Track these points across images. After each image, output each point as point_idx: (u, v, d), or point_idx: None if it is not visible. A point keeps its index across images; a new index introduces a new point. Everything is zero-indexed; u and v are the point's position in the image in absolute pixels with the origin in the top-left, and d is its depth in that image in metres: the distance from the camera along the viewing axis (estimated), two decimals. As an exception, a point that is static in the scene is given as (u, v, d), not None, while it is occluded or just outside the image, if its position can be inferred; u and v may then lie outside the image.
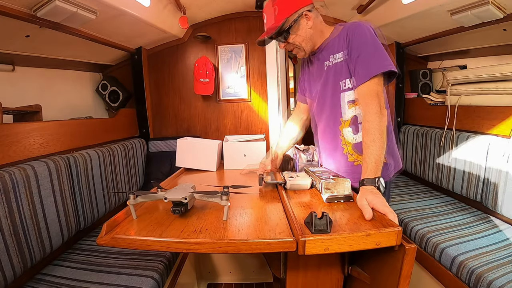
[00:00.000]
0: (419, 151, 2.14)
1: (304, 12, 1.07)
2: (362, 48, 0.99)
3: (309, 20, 1.08)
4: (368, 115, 0.95)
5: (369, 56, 0.98)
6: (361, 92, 0.99)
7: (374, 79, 0.97)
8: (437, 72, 2.39)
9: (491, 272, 1.13)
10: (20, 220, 1.13)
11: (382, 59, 0.97)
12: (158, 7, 1.85)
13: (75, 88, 2.18)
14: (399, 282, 0.68)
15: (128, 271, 1.23)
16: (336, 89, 1.09)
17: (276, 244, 0.73)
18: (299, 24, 1.08)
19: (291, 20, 1.06)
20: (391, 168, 1.12)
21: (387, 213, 0.77)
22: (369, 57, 0.98)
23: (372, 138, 0.91)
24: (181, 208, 0.88)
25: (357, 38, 1.00)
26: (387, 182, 1.11)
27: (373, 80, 0.97)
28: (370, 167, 0.89)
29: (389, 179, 1.11)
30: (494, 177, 1.50)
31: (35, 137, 1.37)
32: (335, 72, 1.09)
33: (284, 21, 1.06)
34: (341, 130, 1.12)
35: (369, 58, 0.97)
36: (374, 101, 0.95)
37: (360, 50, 0.99)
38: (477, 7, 1.43)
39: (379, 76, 0.98)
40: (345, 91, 1.07)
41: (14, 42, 1.47)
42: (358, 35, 1.00)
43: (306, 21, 1.08)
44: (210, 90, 2.37)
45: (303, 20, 1.08)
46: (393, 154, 1.13)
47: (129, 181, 2.02)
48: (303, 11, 1.07)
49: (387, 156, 1.08)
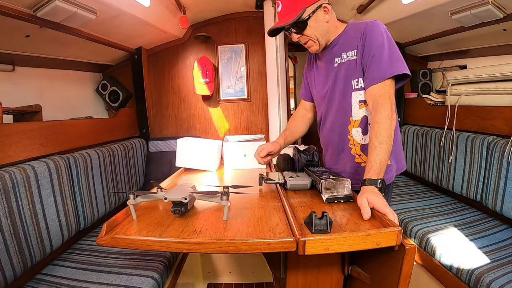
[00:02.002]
0: (419, 151, 2.14)
1: (323, 4, 1.03)
2: (377, 49, 0.96)
3: (327, 13, 1.05)
4: (378, 116, 0.92)
5: (384, 57, 0.96)
6: (373, 93, 0.97)
7: (387, 81, 0.95)
8: (437, 72, 2.39)
9: (491, 272, 1.13)
10: (20, 220, 1.13)
11: (397, 61, 0.95)
12: (158, 7, 1.85)
13: (75, 88, 2.18)
14: (399, 282, 0.68)
15: (128, 271, 1.23)
16: (347, 88, 1.07)
17: (276, 244, 0.73)
18: (317, 16, 1.04)
19: (310, 10, 1.02)
20: (393, 171, 1.10)
21: (387, 213, 0.77)
22: (384, 58, 0.96)
23: (380, 141, 0.90)
24: (181, 208, 0.88)
25: (374, 38, 0.97)
26: (389, 185, 1.11)
27: (386, 82, 0.95)
28: (374, 168, 0.88)
29: (391, 182, 1.11)
30: (494, 177, 1.49)
31: (35, 137, 1.37)
32: (347, 70, 1.06)
33: (302, 11, 1.01)
34: (350, 130, 1.10)
35: (384, 59, 0.95)
36: (386, 104, 0.93)
37: (376, 50, 0.97)
38: (477, 7, 1.43)
39: (392, 79, 0.96)
40: (357, 90, 1.05)
41: (14, 42, 1.47)
42: (375, 34, 0.98)
43: (324, 14, 1.05)
44: (210, 90, 2.37)
45: (321, 12, 1.04)
46: (397, 156, 1.12)
47: (129, 181, 2.02)
48: (322, 2, 1.03)
49: (391, 158, 1.07)
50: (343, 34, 1.09)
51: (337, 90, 1.11)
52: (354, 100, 1.07)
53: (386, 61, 0.95)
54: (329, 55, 1.13)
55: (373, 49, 0.98)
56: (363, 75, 1.02)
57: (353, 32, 1.06)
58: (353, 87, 1.06)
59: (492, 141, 1.53)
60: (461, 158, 1.73)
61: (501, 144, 1.47)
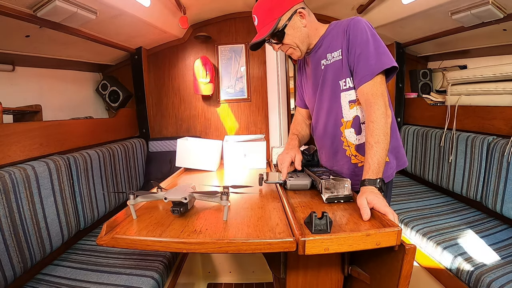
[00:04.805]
0: (419, 151, 2.14)
1: (297, 9, 1.02)
2: (363, 46, 0.95)
3: (303, 17, 1.03)
4: (373, 115, 0.91)
5: (371, 53, 0.94)
6: (364, 91, 0.95)
7: (377, 78, 0.93)
8: (437, 72, 2.39)
9: (491, 272, 1.13)
10: (20, 220, 1.13)
11: (383, 55, 0.94)
12: (158, 7, 1.85)
13: (75, 88, 2.18)
14: (399, 282, 0.68)
15: (128, 271, 1.23)
16: (335, 89, 1.06)
17: (276, 244, 0.73)
18: (293, 22, 1.02)
19: (285, 19, 1.01)
20: (393, 167, 1.09)
21: (387, 213, 0.77)
22: (370, 54, 0.94)
23: (377, 140, 0.89)
24: (181, 208, 0.88)
25: (358, 35, 0.96)
26: (389, 182, 1.10)
27: (376, 79, 0.93)
28: (372, 167, 0.87)
29: (390, 179, 1.10)
30: (494, 177, 1.49)
31: (35, 137, 1.37)
32: (334, 71, 1.05)
33: (277, 21, 1.00)
34: (343, 131, 1.08)
35: (371, 55, 0.94)
36: (379, 102, 0.91)
37: (362, 47, 0.95)
38: (477, 7, 1.43)
39: (382, 75, 0.95)
40: (346, 91, 1.03)
41: (14, 42, 1.47)
42: (358, 31, 0.96)
43: (300, 19, 1.03)
44: (210, 90, 2.37)
45: (297, 18, 1.02)
46: (397, 152, 1.10)
47: (129, 181, 2.02)
48: (296, 8, 1.02)
49: (390, 155, 1.06)
50: (326, 35, 1.07)
51: (326, 92, 1.09)
52: (343, 101, 1.05)
53: (373, 57, 0.94)
54: (314, 59, 1.12)
55: (358, 47, 0.96)
56: (350, 74, 1.01)
57: (335, 31, 1.04)
58: (341, 87, 1.04)
59: (492, 141, 1.53)
60: (461, 158, 1.73)
61: (501, 144, 1.47)
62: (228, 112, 2.56)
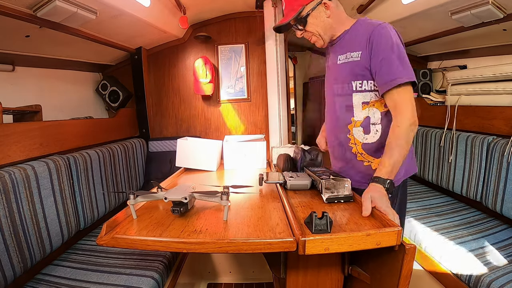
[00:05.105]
0: (419, 151, 2.14)
1: (323, 0, 1.05)
2: (387, 52, 0.96)
3: (328, 9, 1.06)
4: (399, 121, 0.94)
5: (395, 61, 0.95)
6: (394, 98, 0.96)
7: (406, 87, 0.95)
8: (437, 72, 2.39)
9: (491, 272, 1.13)
10: (20, 220, 1.13)
11: (409, 67, 0.96)
12: (158, 7, 1.85)
13: (75, 88, 2.18)
14: (399, 282, 0.68)
15: (128, 271, 1.23)
16: (348, 87, 1.07)
17: (276, 244, 0.73)
18: (317, 12, 1.06)
19: (309, 7, 1.05)
20: (400, 173, 1.07)
21: (387, 213, 0.77)
22: (394, 62, 0.95)
23: (399, 143, 0.91)
24: (181, 208, 0.88)
25: (383, 41, 0.97)
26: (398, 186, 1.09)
27: (406, 88, 0.95)
28: (387, 167, 0.89)
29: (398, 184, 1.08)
30: (494, 177, 1.49)
31: (35, 137, 1.37)
32: (350, 70, 1.06)
33: (301, 8, 1.04)
34: (351, 129, 1.10)
35: (396, 63, 0.95)
36: (409, 110, 0.94)
37: (386, 53, 0.96)
38: (477, 7, 1.43)
39: (409, 84, 0.96)
40: (360, 92, 1.05)
41: (14, 42, 1.47)
42: (384, 37, 0.97)
43: (324, 10, 1.06)
44: (210, 90, 2.37)
45: (321, 8, 1.06)
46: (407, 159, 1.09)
47: (129, 181, 2.02)
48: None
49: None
50: (350, 31, 1.09)
51: (337, 88, 1.11)
52: (356, 101, 1.06)
53: (398, 64, 0.95)
54: (334, 51, 1.14)
55: (381, 52, 0.96)
56: (371, 78, 1.02)
57: (360, 31, 1.05)
58: (354, 88, 1.05)
59: (492, 141, 1.53)
60: (461, 158, 1.73)
61: (501, 144, 1.47)
62: (228, 112, 2.56)
